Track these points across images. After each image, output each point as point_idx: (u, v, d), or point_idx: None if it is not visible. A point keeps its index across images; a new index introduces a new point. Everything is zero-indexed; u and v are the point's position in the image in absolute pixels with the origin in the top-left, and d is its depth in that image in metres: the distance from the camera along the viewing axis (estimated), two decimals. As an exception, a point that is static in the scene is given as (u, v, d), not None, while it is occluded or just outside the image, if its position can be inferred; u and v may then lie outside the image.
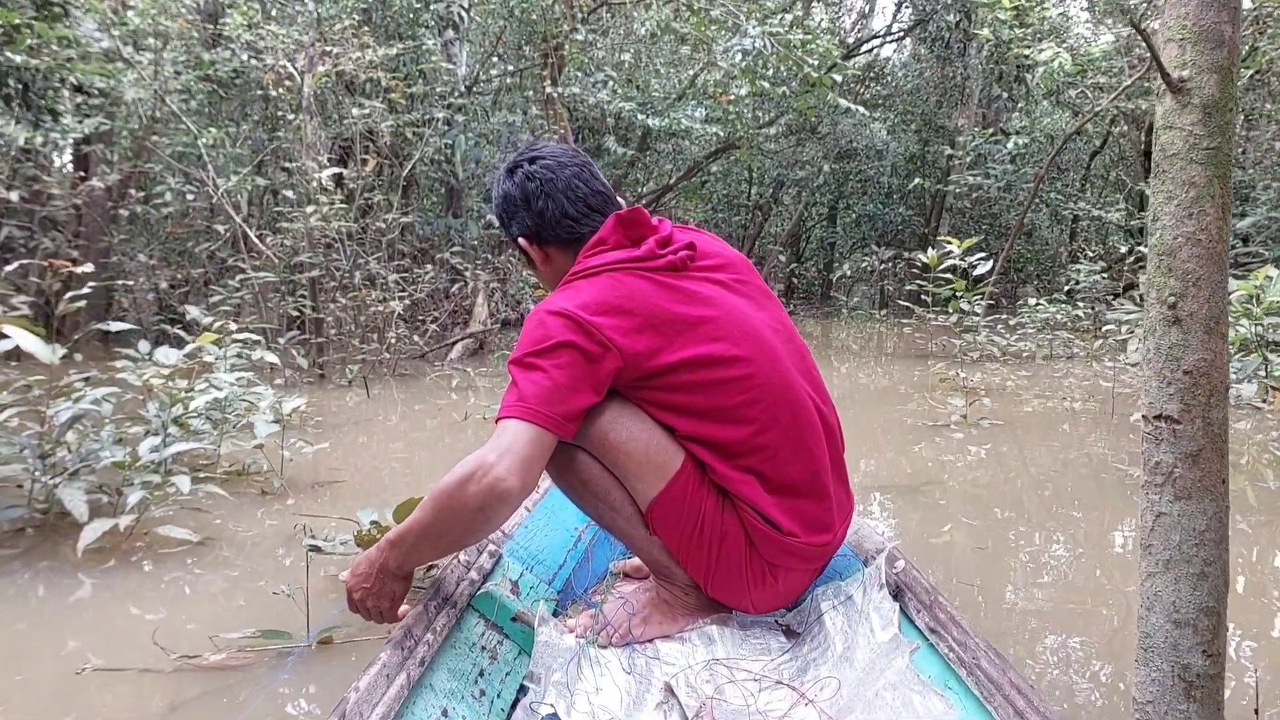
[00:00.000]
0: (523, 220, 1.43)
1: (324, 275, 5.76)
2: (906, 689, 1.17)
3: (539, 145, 1.47)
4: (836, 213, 16.54)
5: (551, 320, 1.25)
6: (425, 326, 7.18)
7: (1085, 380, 6.18)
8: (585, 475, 1.35)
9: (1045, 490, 3.21)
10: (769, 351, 1.35)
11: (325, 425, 4.47)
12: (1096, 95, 10.04)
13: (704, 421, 1.31)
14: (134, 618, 2.00)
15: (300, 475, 3.29)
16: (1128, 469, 3.37)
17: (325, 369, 5.84)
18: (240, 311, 6.95)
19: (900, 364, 7.28)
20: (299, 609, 1.86)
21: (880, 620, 1.32)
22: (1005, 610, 2.08)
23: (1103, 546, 2.58)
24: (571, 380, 1.23)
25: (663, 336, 1.28)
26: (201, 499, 2.68)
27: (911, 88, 14.69)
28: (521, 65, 9.39)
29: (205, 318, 4.87)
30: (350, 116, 6.42)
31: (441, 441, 4.17)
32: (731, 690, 1.25)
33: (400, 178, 7.19)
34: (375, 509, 2.12)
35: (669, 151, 13.77)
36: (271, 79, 5.98)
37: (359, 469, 3.54)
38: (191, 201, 6.29)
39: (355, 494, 3.09)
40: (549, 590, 1.57)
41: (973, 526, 2.74)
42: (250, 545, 2.48)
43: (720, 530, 1.33)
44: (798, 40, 6.93)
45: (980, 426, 4.26)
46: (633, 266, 1.33)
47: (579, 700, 1.23)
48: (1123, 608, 2.07)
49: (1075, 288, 9.25)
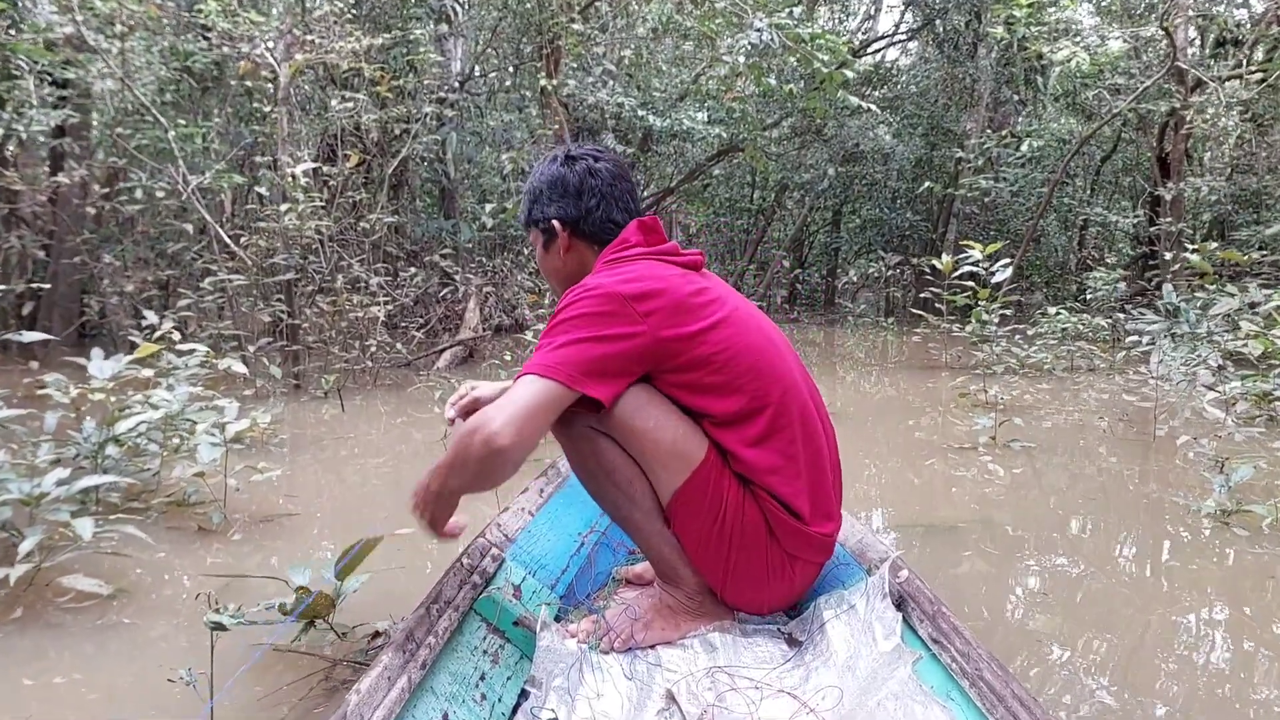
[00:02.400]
0: (566, 207, 1.47)
1: (300, 278, 5.38)
2: (909, 699, 1.16)
3: (598, 148, 1.53)
4: (841, 218, 16.15)
5: (590, 293, 1.29)
6: (410, 334, 6.79)
7: (1105, 393, 5.81)
8: (609, 464, 1.35)
9: (1101, 527, 2.83)
10: (775, 344, 1.41)
11: (292, 443, 4.08)
12: (1114, 97, 9.68)
13: (730, 397, 1.33)
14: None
15: (251, 506, 2.90)
16: (1184, 501, 2.98)
17: (301, 379, 5.45)
18: (208, 317, 6.58)
19: (911, 375, 6.90)
20: (203, 699, 1.48)
21: (883, 630, 1.32)
22: (1115, 685, 1.70)
23: (1187, 607, 2.20)
24: (598, 345, 1.25)
25: (689, 317, 1.32)
26: (115, 541, 2.27)
27: (919, 90, 14.33)
28: (518, 61, 9.03)
29: (166, 323, 4.50)
30: (334, 111, 6.04)
31: (420, 462, 3.79)
32: (733, 698, 1.24)
33: (387, 176, 6.81)
34: (308, 567, 1.74)
35: (670, 153, 13.41)
36: (247, 68, 5.61)
37: (321, 497, 3.15)
38: (162, 199, 5.90)
39: (310, 530, 2.71)
40: (551, 595, 1.56)
41: (1027, 573, 2.35)
42: (168, 602, 2.09)
43: (741, 521, 1.34)
44: (807, 35, 6.56)
45: (1010, 449, 3.88)
46: (661, 257, 1.42)
47: (580, 705, 1.22)
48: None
49: (1090, 296, 8.89)
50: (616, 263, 1.40)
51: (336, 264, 6.06)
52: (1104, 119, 9.17)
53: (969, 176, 12.01)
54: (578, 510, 1.87)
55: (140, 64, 6.03)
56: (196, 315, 6.29)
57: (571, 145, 1.52)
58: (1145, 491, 3.29)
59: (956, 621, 1.27)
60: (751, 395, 1.33)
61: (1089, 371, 6.75)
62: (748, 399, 1.33)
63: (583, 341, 1.25)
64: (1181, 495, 3.08)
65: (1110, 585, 2.28)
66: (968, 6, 12.11)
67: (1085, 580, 2.31)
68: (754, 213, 16.19)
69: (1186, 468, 3.59)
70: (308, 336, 5.63)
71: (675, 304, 1.31)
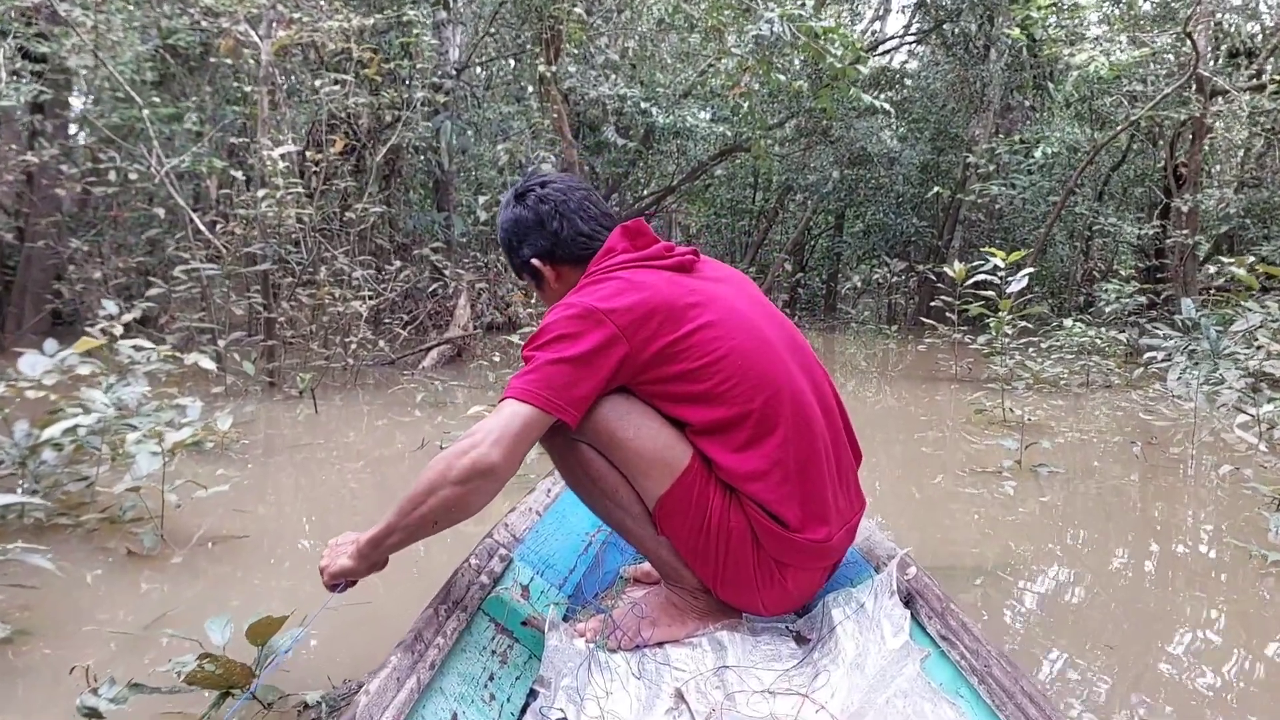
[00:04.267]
0: (535, 242, 1.48)
1: (278, 269, 5.05)
2: (918, 696, 1.15)
3: (542, 174, 1.52)
4: (844, 222, 15.84)
5: (567, 311, 1.29)
6: (394, 330, 6.46)
7: (1122, 411, 5.52)
8: (594, 472, 1.35)
9: (1164, 578, 2.53)
10: (768, 342, 1.37)
11: (261, 447, 3.77)
12: (1131, 104, 9.40)
13: (711, 406, 1.31)
14: None
15: (196, 524, 2.58)
16: (1245, 545, 2.68)
17: (277, 376, 5.12)
18: (187, 308, 6.25)
19: (919, 387, 6.59)
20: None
21: (891, 627, 1.31)
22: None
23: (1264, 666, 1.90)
24: (577, 366, 1.26)
25: (669, 325, 1.30)
26: (16, 572, 1.94)
27: (927, 94, 14.03)
28: (516, 50, 8.71)
29: (131, 314, 4.18)
30: (320, 94, 5.72)
31: (394, 472, 3.47)
32: (742, 696, 1.23)
33: (376, 164, 6.49)
34: (229, 622, 1.42)
35: (672, 151, 13.10)
36: (228, 46, 5.28)
37: (282, 513, 2.84)
38: (135, 182, 5.57)
39: (262, 555, 2.39)
40: (559, 595, 1.56)
41: (1085, 623, 2.05)
42: (75, 649, 1.77)
43: (726, 528, 1.33)
44: (820, 28, 6.26)
45: (1038, 474, 3.58)
46: (645, 263, 1.39)
47: (589, 705, 1.22)
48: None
49: (1108, 307, 8.60)
50: (598, 276, 1.38)
51: (319, 255, 5.73)
52: (1122, 125, 8.87)
53: (977, 182, 11.72)
54: (585, 510, 1.81)
55: (117, 39, 5.69)
56: (171, 306, 5.97)
57: (512, 190, 1.52)
58: (1197, 531, 2.99)
59: (965, 618, 1.26)
60: (734, 402, 1.31)
61: (1105, 388, 6.45)
62: (730, 406, 1.31)
63: (559, 363, 1.25)
64: (1241, 540, 2.77)
65: (1187, 664, 1.97)
66: (980, 10, 11.82)
67: (1150, 654, 2.01)
68: (755, 214, 15.89)
69: (1227, 499, 3.30)
70: (285, 331, 5.31)
71: (654, 313, 1.30)
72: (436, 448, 3.78)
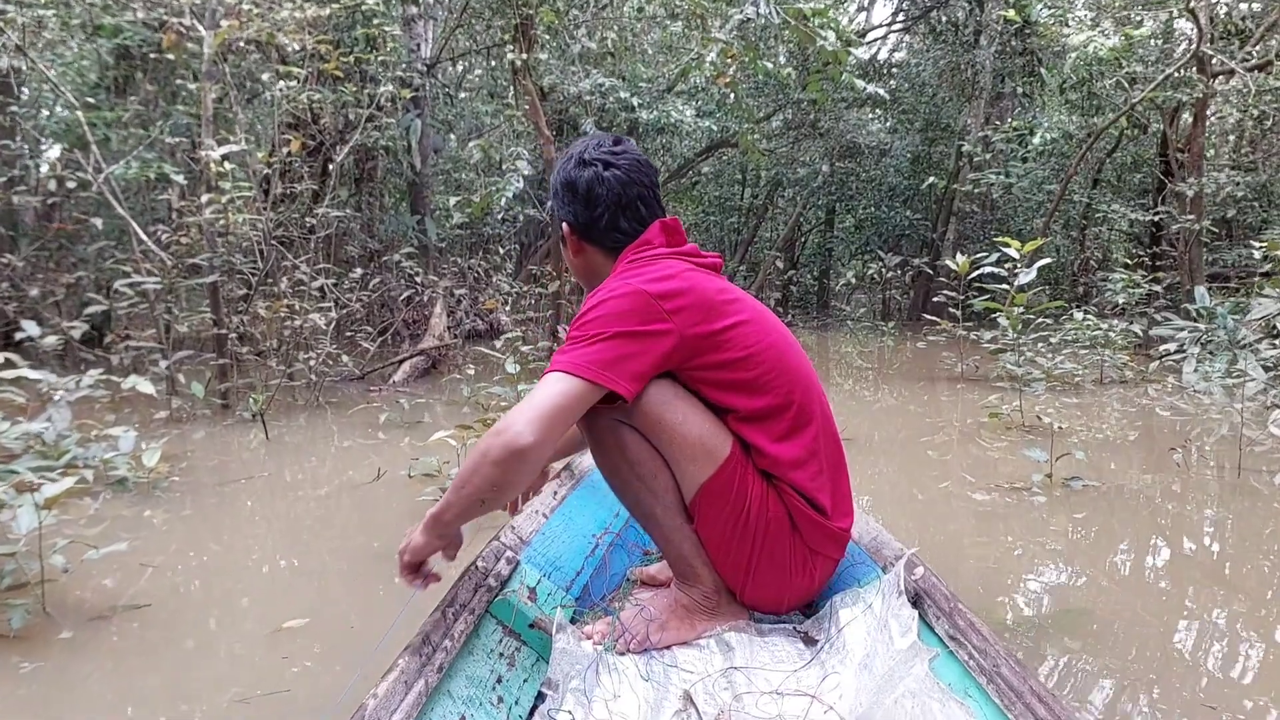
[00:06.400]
0: (574, 211, 1.47)
1: (226, 281, 4.64)
2: (926, 697, 1.13)
3: (620, 147, 1.47)
4: (835, 216, 15.49)
5: (616, 292, 1.29)
6: (361, 344, 6.05)
7: (1133, 407, 5.16)
8: (634, 456, 1.34)
9: (1254, 631, 2.16)
10: (792, 345, 1.42)
11: (202, 480, 3.35)
12: (1130, 86, 9.07)
13: (755, 395, 1.33)
14: None
15: (88, 592, 2.17)
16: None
17: (230, 398, 4.70)
18: (138, 324, 5.83)
19: (920, 386, 6.22)
20: None
21: (899, 627, 1.29)
22: None
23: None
24: (629, 342, 1.25)
25: (712, 317, 1.31)
26: None
27: (916, 84, 13.70)
28: (491, 43, 8.31)
29: (52, 336, 3.79)
30: (273, 90, 5.30)
31: (356, 500, 3.07)
32: (750, 697, 1.22)
33: (340, 165, 6.07)
34: None
35: (657, 148, 12.72)
36: (170, 41, 4.86)
37: (205, 570, 2.43)
38: (76, 190, 5.14)
39: (162, 629, 1.98)
40: (566, 597, 1.53)
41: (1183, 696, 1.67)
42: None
43: (765, 516, 1.34)
44: (809, 9, 5.88)
45: (1071, 489, 3.20)
46: (684, 258, 1.42)
47: (597, 707, 1.20)
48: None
49: (1106, 298, 8.26)
50: (639, 262, 1.39)
51: (277, 264, 5.32)
52: (1123, 109, 8.53)
53: (971, 172, 11.38)
54: (592, 512, 1.84)
55: (53, 37, 5.26)
56: (121, 324, 5.55)
57: (591, 143, 1.47)
58: (1272, 561, 2.62)
59: (974, 618, 1.27)
60: (778, 392, 1.34)
61: (1120, 384, 6.10)
62: (774, 395, 1.34)
63: (609, 339, 1.24)
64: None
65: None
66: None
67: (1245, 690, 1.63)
68: (744, 211, 15.52)
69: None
70: (239, 348, 4.89)
71: (701, 302, 1.31)
72: (404, 476, 3.38)
